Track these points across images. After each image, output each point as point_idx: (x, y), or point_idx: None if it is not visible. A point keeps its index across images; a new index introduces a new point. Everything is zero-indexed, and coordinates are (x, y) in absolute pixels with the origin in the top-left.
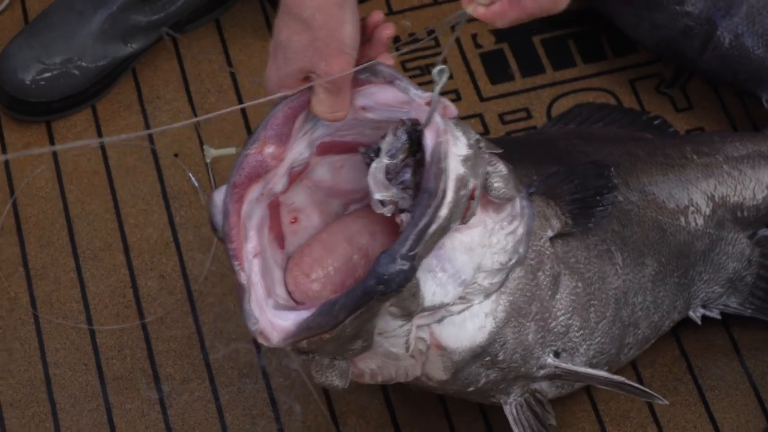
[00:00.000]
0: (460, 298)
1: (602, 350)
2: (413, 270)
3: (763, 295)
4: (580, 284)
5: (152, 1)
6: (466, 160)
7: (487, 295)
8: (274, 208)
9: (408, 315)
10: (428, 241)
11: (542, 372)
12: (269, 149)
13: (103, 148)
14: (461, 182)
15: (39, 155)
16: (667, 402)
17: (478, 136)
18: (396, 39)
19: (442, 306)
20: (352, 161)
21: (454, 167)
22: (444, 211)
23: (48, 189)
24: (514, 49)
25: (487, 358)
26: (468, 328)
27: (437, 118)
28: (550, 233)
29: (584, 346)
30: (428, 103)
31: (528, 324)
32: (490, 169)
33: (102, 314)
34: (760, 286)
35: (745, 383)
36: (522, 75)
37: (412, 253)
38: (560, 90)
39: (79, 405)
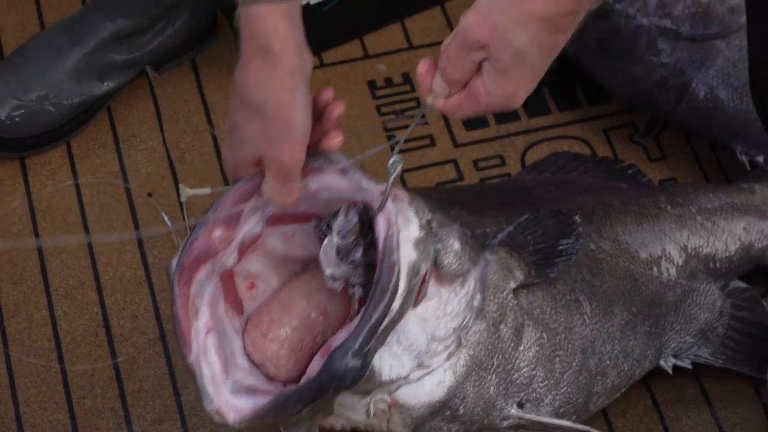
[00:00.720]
0: (418, 365)
1: (569, 400)
2: (365, 367)
3: (734, 345)
4: (545, 335)
5: (129, 40)
6: (418, 243)
7: (448, 357)
8: (228, 278)
9: (366, 392)
10: (381, 335)
11: (506, 423)
12: (218, 232)
13: (77, 185)
14: (413, 270)
15: (12, 191)
16: None
17: (429, 216)
18: (372, 83)
19: (399, 379)
20: (303, 229)
21: (407, 255)
22: (397, 304)
23: (21, 225)
24: None
25: (448, 413)
26: (425, 384)
27: (390, 206)
28: (512, 285)
29: (549, 396)
30: (382, 192)
31: (489, 377)
32: (440, 246)
33: (74, 353)
34: (731, 336)
35: None
36: (497, 122)
37: (365, 349)
38: (534, 137)
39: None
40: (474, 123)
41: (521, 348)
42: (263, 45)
